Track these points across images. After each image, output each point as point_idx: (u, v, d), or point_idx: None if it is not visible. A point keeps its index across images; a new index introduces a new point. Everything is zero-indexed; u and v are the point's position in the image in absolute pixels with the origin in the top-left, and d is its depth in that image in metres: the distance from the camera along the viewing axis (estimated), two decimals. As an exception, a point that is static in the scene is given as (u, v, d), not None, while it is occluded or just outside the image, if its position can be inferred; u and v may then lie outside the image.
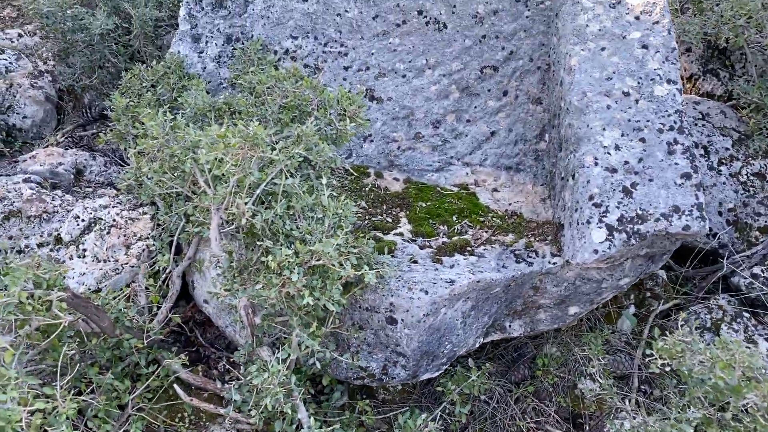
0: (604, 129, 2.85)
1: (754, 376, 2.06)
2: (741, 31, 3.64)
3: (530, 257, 2.93)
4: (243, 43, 3.59)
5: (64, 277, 2.43)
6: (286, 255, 2.29)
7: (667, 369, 2.22)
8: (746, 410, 2.13)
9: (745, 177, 3.74)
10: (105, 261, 3.12)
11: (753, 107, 3.80)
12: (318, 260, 2.33)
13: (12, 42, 4.73)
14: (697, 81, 4.29)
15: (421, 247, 3.01)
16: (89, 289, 3.05)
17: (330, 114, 2.83)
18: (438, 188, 3.42)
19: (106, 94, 4.44)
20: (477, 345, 3.03)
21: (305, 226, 2.44)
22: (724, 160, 3.77)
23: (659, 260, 2.95)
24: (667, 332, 2.71)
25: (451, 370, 3.15)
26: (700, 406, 2.70)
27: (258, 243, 2.46)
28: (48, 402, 2.11)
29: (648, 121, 2.84)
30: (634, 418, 2.76)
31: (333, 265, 2.32)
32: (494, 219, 3.23)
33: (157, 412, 2.81)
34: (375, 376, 2.85)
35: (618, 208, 2.69)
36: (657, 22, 3.03)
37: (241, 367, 2.75)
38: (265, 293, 2.35)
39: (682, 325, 2.28)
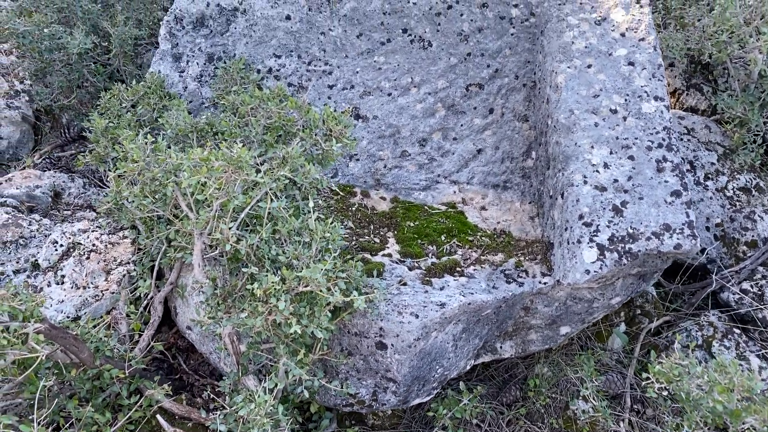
0: (592, 147, 2.82)
1: (752, 398, 2.02)
2: (724, 47, 3.65)
3: (520, 277, 2.89)
4: (225, 62, 3.53)
5: (41, 308, 2.33)
6: (272, 282, 2.22)
7: (664, 393, 2.17)
8: (745, 433, 2.09)
9: (731, 192, 3.75)
10: (84, 287, 3.03)
11: (737, 122, 3.81)
12: (306, 287, 2.26)
13: (-13, 62, 4.63)
14: (680, 95, 4.30)
15: (410, 269, 2.95)
16: (68, 317, 2.95)
17: (315, 134, 2.77)
18: (426, 207, 3.37)
19: (85, 114, 4.34)
20: (468, 367, 2.98)
21: (291, 250, 2.37)
22: (710, 175, 3.77)
23: (650, 278, 2.92)
24: (660, 352, 2.67)
25: (442, 393, 3.09)
26: (696, 427, 2.66)
27: (243, 270, 2.39)
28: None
29: (636, 138, 2.82)
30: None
31: (321, 291, 2.25)
32: (483, 238, 3.18)
33: (139, 444, 2.71)
34: (365, 403, 2.77)
35: (608, 227, 2.65)
36: (642, 39, 3.02)
37: (227, 397, 2.66)
38: (250, 322, 2.27)
39: (678, 348, 2.24)
